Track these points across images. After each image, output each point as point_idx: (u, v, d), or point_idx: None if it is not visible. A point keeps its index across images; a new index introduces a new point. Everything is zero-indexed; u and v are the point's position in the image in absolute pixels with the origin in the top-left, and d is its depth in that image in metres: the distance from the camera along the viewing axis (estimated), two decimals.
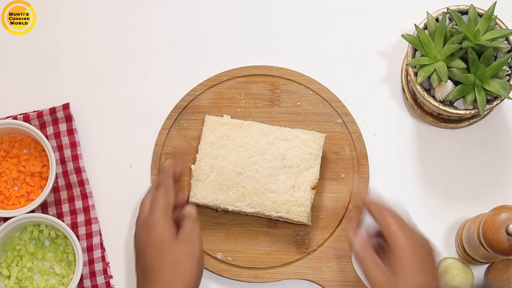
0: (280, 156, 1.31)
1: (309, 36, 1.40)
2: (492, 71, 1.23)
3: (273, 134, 1.31)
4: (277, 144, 1.31)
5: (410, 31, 1.28)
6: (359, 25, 1.40)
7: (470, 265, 1.32)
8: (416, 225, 1.20)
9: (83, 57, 1.40)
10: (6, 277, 1.33)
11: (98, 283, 1.33)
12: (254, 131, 1.32)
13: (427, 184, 1.36)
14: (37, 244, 1.34)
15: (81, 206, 1.35)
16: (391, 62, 1.38)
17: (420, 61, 1.25)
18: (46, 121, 1.36)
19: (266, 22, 1.40)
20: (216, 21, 1.41)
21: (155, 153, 1.36)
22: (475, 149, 1.36)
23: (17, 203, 1.33)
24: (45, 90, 1.39)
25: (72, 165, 1.35)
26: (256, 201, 1.30)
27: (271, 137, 1.31)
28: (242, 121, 1.33)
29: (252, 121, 1.33)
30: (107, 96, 1.39)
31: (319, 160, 1.31)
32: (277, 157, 1.31)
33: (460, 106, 1.26)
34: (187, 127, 1.37)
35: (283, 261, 1.33)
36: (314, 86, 1.37)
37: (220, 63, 1.38)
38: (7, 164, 1.34)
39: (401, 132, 1.37)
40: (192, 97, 1.37)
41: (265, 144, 1.31)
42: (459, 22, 1.25)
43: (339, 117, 1.36)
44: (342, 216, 1.34)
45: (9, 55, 1.40)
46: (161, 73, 1.39)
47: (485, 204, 1.33)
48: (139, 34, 1.40)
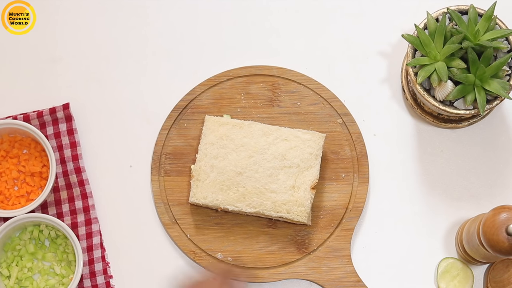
0: (280, 156, 1.31)
1: (309, 36, 1.40)
2: (492, 71, 1.23)
3: (273, 134, 1.31)
4: (277, 144, 1.31)
5: (410, 31, 1.28)
6: (359, 25, 1.40)
7: (470, 265, 1.32)
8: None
9: (83, 57, 1.40)
10: (6, 277, 1.33)
11: (98, 283, 1.33)
12: (254, 131, 1.32)
13: (427, 184, 1.35)
14: (37, 244, 1.34)
15: (81, 206, 1.35)
16: (391, 62, 1.38)
17: (420, 61, 1.25)
18: (46, 121, 1.36)
19: (266, 22, 1.40)
20: (215, 21, 1.41)
21: (155, 153, 1.36)
22: (475, 149, 1.36)
23: (17, 203, 1.33)
24: (45, 90, 1.39)
25: (72, 165, 1.35)
26: (256, 201, 1.30)
27: (271, 137, 1.31)
28: (242, 121, 1.33)
29: (252, 121, 1.33)
30: (107, 96, 1.39)
31: (319, 160, 1.31)
32: (277, 157, 1.31)
33: (460, 106, 1.26)
34: (187, 127, 1.37)
35: (283, 261, 1.33)
36: (314, 86, 1.37)
37: (219, 63, 1.38)
38: (7, 164, 1.34)
39: (401, 132, 1.37)
40: (192, 97, 1.37)
41: (265, 144, 1.31)
42: (459, 22, 1.24)
43: (339, 117, 1.36)
44: (342, 216, 1.34)
45: (9, 55, 1.40)
46: (161, 73, 1.39)
47: (485, 204, 1.33)
48: (139, 34, 1.40)
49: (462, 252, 1.31)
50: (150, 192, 1.36)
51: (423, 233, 1.34)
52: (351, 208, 1.34)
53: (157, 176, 1.35)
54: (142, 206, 1.36)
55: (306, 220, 1.30)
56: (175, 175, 1.35)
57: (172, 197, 1.35)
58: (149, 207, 1.36)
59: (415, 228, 1.34)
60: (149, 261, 1.35)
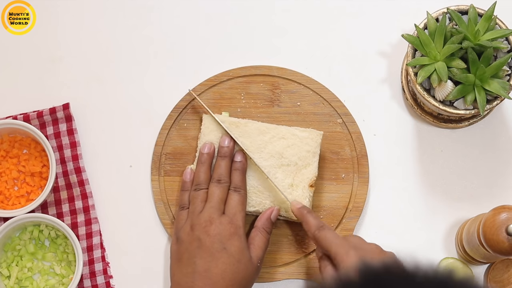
0: (278, 155, 1.30)
1: (309, 36, 1.40)
2: (492, 71, 1.23)
3: (270, 133, 1.31)
4: (274, 142, 1.31)
5: (410, 31, 1.28)
6: (359, 25, 1.39)
7: (470, 265, 1.32)
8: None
9: (83, 57, 1.40)
10: (6, 277, 1.33)
11: (98, 283, 1.33)
12: (250, 130, 1.31)
13: (427, 184, 1.35)
14: (37, 244, 1.34)
15: (81, 206, 1.35)
16: (391, 62, 1.38)
17: (420, 61, 1.25)
18: (46, 121, 1.36)
19: (267, 22, 1.40)
20: (217, 21, 1.40)
21: (155, 153, 1.36)
22: (475, 149, 1.36)
23: (17, 203, 1.33)
24: (45, 90, 1.39)
25: (72, 165, 1.35)
26: (255, 200, 1.30)
27: (268, 135, 1.31)
28: (238, 120, 1.32)
29: (248, 120, 1.33)
30: (107, 96, 1.39)
31: (317, 158, 1.30)
32: (274, 156, 1.30)
33: (460, 106, 1.26)
34: (187, 127, 1.36)
35: (283, 261, 1.33)
36: (314, 86, 1.36)
37: (220, 63, 1.38)
38: (7, 164, 1.34)
39: (401, 132, 1.37)
40: (192, 97, 1.37)
41: (261, 143, 1.31)
42: (459, 22, 1.24)
43: (339, 117, 1.36)
44: (342, 216, 1.33)
45: (9, 55, 1.40)
46: (161, 73, 1.39)
47: (485, 204, 1.32)
48: (139, 34, 1.40)
49: (462, 252, 1.31)
50: (150, 192, 1.36)
51: (423, 233, 1.34)
52: (351, 208, 1.34)
53: (157, 176, 1.35)
54: (142, 206, 1.36)
55: None
56: (175, 175, 1.35)
57: (172, 197, 1.35)
58: (149, 207, 1.36)
59: (414, 228, 1.34)
60: (149, 261, 1.34)
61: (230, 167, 1.28)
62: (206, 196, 1.26)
